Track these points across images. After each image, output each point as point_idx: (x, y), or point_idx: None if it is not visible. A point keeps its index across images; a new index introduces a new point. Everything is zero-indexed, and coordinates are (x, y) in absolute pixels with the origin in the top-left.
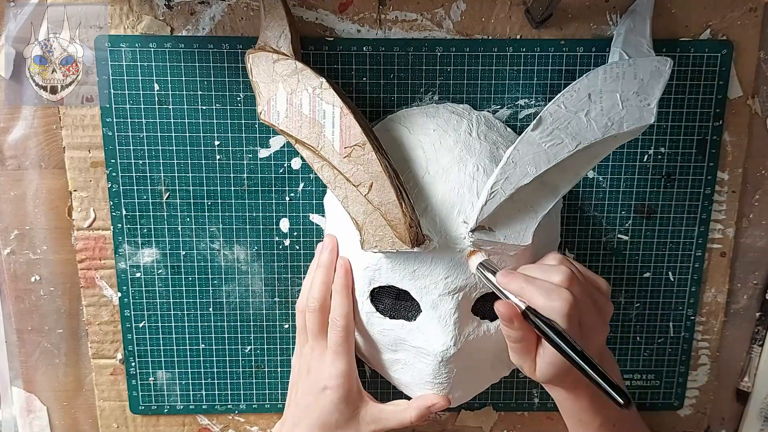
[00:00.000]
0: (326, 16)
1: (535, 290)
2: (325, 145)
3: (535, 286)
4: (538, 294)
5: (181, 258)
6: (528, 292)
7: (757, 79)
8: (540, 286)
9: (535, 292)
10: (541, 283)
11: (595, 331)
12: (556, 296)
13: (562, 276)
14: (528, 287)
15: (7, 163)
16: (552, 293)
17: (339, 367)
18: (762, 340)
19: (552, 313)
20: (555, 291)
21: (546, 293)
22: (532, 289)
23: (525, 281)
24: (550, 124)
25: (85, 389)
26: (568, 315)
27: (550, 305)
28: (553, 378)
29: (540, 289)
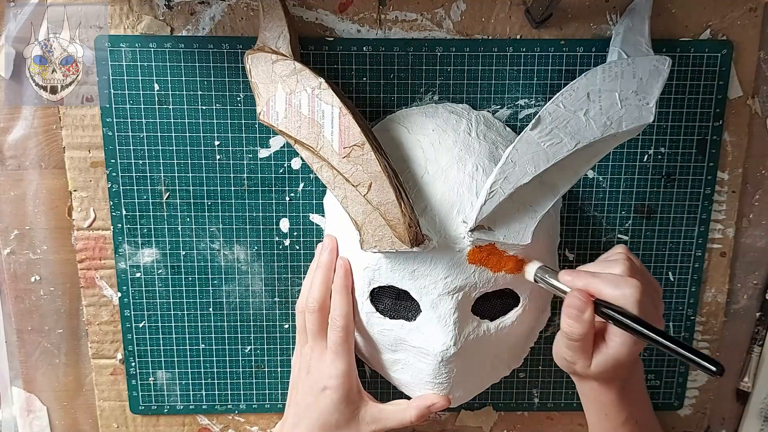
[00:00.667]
0: (326, 16)
1: (601, 282)
2: (324, 146)
3: (602, 279)
4: (606, 285)
5: (181, 258)
6: (595, 285)
7: (757, 79)
8: (606, 278)
9: (602, 285)
10: (606, 276)
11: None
12: (624, 285)
13: (624, 267)
14: (595, 281)
15: (7, 163)
16: (620, 282)
17: (339, 367)
18: (762, 340)
19: (623, 300)
20: (623, 280)
21: (614, 283)
22: (599, 282)
23: (591, 276)
24: (549, 124)
25: (85, 389)
26: (640, 301)
27: (620, 293)
28: (606, 371)
29: (607, 281)
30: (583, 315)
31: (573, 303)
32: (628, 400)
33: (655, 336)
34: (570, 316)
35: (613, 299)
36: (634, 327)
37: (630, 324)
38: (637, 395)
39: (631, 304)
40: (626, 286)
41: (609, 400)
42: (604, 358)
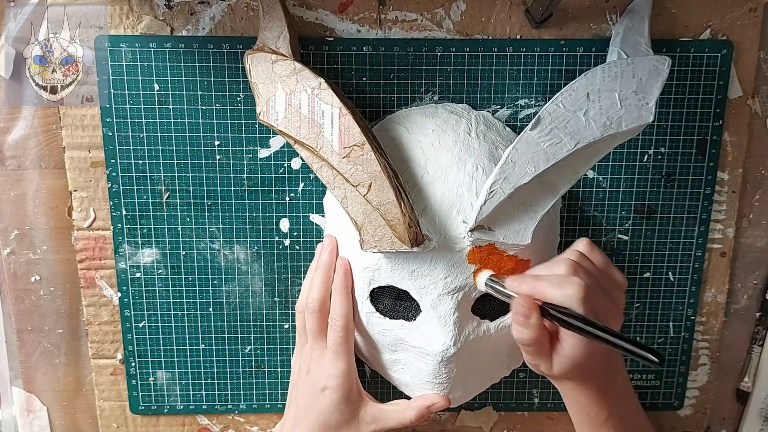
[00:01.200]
0: (326, 16)
1: (546, 285)
2: (324, 146)
3: (545, 281)
4: (550, 287)
5: (181, 258)
6: (540, 288)
7: (757, 79)
8: (549, 280)
9: (546, 287)
10: (549, 278)
11: (609, 318)
12: (567, 284)
13: (567, 266)
14: (538, 284)
15: (7, 163)
16: (563, 282)
17: (339, 367)
18: (762, 340)
19: (567, 301)
20: (565, 280)
21: (557, 284)
22: (542, 285)
23: (534, 279)
24: (548, 124)
25: (85, 389)
26: (583, 299)
27: (563, 293)
28: (569, 371)
29: (550, 283)
30: (530, 320)
31: (518, 309)
32: (608, 398)
33: (597, 332)
34: (517, 322)
35: (557, 300)
36: (578, 326)
37: (575, 324)
38: (620, 393)
39: (575, 303)
40: (568, 285)
41: (588, 400)
42: (562, 360)
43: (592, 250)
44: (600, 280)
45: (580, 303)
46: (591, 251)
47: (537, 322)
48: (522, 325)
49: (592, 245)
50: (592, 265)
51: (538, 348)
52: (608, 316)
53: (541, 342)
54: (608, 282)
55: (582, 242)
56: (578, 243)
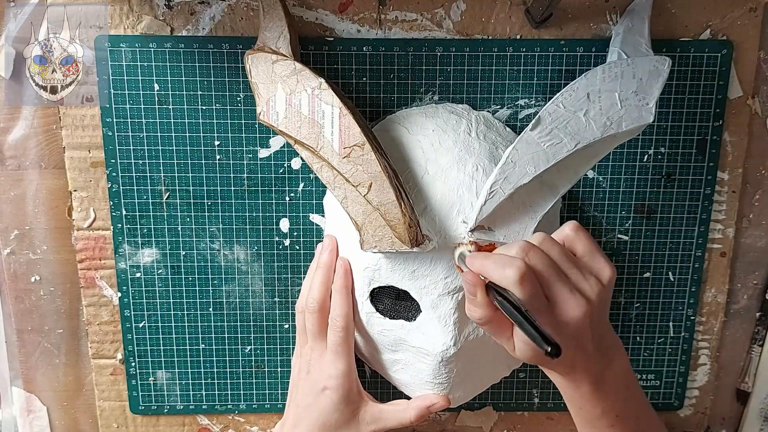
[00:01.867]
0: (326, 16)
1: (491, 264)
2: (324, 146)
3: (492, 260)
4: (494, 266)
5: (181, 258)
6: (486, 267)
7: (757, 79)
8: (496, 259)
9: (491, 266)
10: (497, 257)
11: (566, 306)
12: (508, 265)
13: (518, 248)
14: (486, 262)
15: (7, 163)
16: (506, 264)
17: (339, 367)
18: (762, 340)
19: (505, 281)
20: (508, 260)
21: (500, 264)
22: (488, 263)
23: (484, 257)
24: (549, 124)
25: (85, 389)
26: (520, 283)
27: (503, 274)
28: (532, 357)
29: (496, 263)
30: (476, 298)
31: (465, 285)
32: (603, 395)
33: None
34: (468, 300)
35: (497, 281)
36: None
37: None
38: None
39: (511, 284)
40: (509, 266)
41: (580, 394)
42: (519, 344)
43: (576, 235)
44: (563, 266)
45: (516, 285)
46: (575, 236)
47: (482, 300)
48: (471, 302)
49: (578, 230)
50: (557, 250)
51: (493, 328)
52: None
53: (495, 321)
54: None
55: (567, 226)
56: (564, 227)
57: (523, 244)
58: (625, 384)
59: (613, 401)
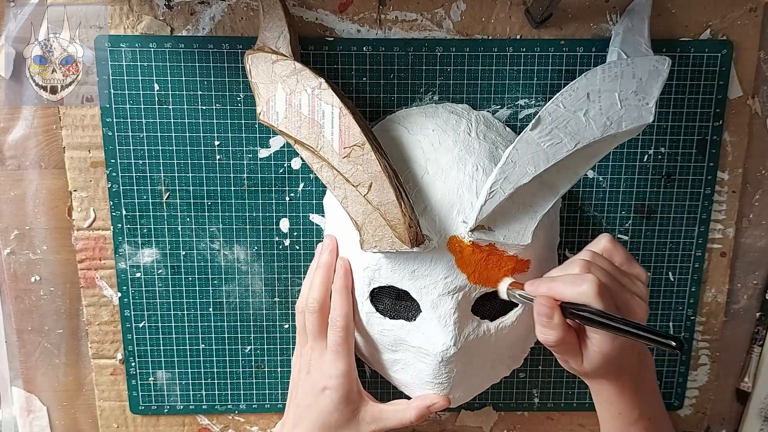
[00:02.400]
0: (326, 16)
1: (561, 284)
2: (324, 146)
3: (561, 281)
4: (565, 286)
5: (181, 258)
6: (556, 288)
7: (757, 79)
8: (564, 279)
9: (562, 286)
10: (564, 277)
11: (633, 310)
12: (580, 281)
13: (580, 265)
14: (555, 284)
15: (7, 163)
16: (576, 280)
17: (339, 367)
18: (762, 340)
19: (582, 297)
20: (579, 278)
21: (572, 282)
22: (558, 284)
23: (550, 281)
24: (549, 124)
25: (85, 389)
26: (599, 295)
27: (579, 291)
28: (600, 367)
29: (565, 282)
30: (552, 320)
31: (540, 310)
32: (640, 397)
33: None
34: (541, 323)
35: (573, 298)
36: (596, 320)
37: (593, 318)
38: (650, 392)
39: (591, 298)
40: (582, 282)
41: (621, 398)
42: (592, 355)
43: (613, 246)
44: (617, 275)
45: (596, 298)
46: (612, 248)
47: (559, 320)
48: (546, 326)
49: (613, 241)
50: (607, 262)
51: (565, 347)
52: (630, 309)
53: (567, 341)
54: (628, 276)
55: (603, 238)
56: (600, 239)
57: (582, 261)
58: (654, 386)
59: (648, 403)
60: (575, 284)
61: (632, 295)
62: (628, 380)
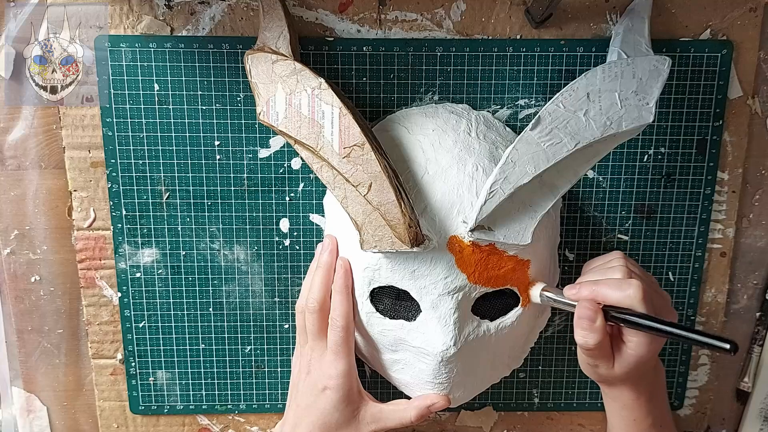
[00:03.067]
0: (326, 16)
1: (605, 288)
2: (324, 146)
3: (605, 284)
4: (611, 290)
5: (181, 258)
6: (600, 291)
7: (757, 79)
8: (608, 283)
9: (607, 290)
10: (607, 281)
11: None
12: (627, 286)
13: (623, 270)
14: (598, 288)
15: (7, 163)
16: (622, 285)
17: (339, 367)
18: (762, 340)
19: (629, 301)
20: (624, 282)
21: (617, 287)
22: (603, 288)
23: (593, 284)
24: (548, 124)
25: (85, 389)
26: (645, 299)
27: (625, 295)
28: (631, 370)
29: (610, 286)
30: (595, 323)
31: (584, 314)
32: (654, 404)
33: (668, 328)
34: (582, 327)
35: (618, 302)
36: (645, 324)
37: (641, 322)
38: (662, 401)
39: (637, 302)
40: (629, 287)
41: (637, 404)
42: (626, 359)
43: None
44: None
45: (641, 302)
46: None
47: (602, 324)
48: (587, 329)
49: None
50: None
51: (601, 351)
52: (665, 309)
53: (604, 345)
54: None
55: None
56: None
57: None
58: (665, 395)
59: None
60: (621, 288)
61: (665, 300)
62: (645, 388)
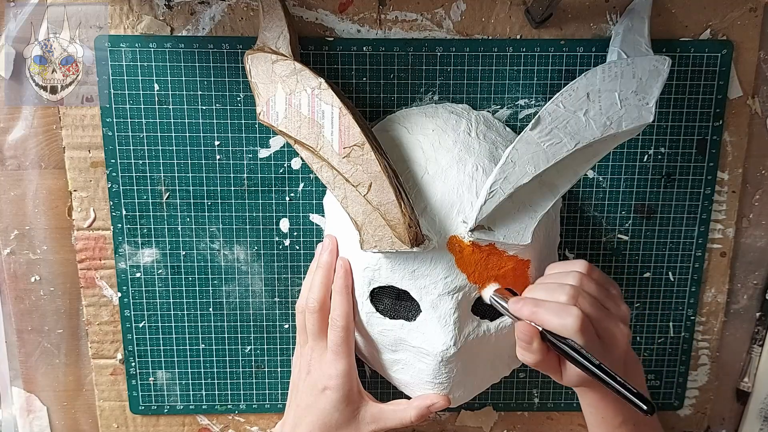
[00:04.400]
0: (326, 16)
1: (545, 312)
2: (324, 146)
3: (545, 308)
4: (549, 315)
5: (181, 258)
6: (539, 315)
7: (757, 79)
8: (549, 307)
9: (546, 315)
10: (549, 305)
11: (615, 338)
12: (566, 314)
13: (568, 294)
14: (539, 311)
15: (7, 163)
16: (562, 312)
17: (339, 367)
18: (762, 340)
19: (565, 331)
20: (564, 310)
21: (556, 313)
22: (542, 312)
23: (535, 305)
24: (548, 124)
25: (85, 389)
26: (581, 330)
27: (562, 324)
28: (580, 384)
29: (550, 311)
30: (532, 346)
31: (520, 336)
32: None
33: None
34: (521, 346)
35: (555, 330)
36: (574, 357)
37: (571, 354)
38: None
39: (573, 333)
40: (567, 315)
41: (603, 404)
42: (570, 375)
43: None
44: (603, 300)
45: (577, 334)
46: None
47: (538, 347)
48: (525, 349)
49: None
50: (594, 286)
51: (544, 366)
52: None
53: (546, 360)
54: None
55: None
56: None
57: (571, 289)
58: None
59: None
60: (559, 315)
61: (616, 323)
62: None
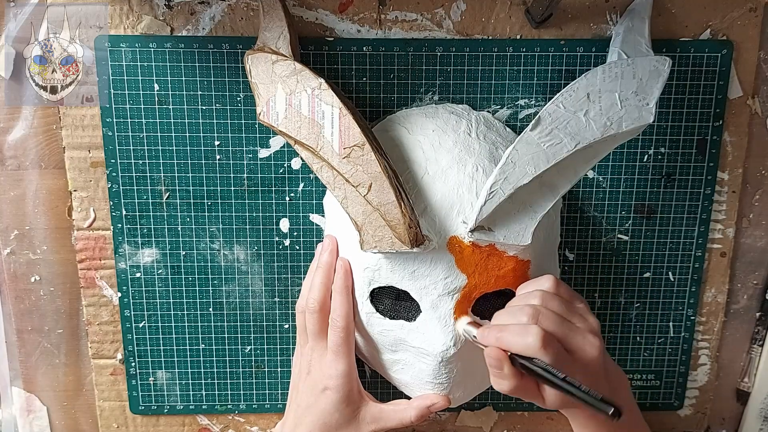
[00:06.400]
0: (326, 16)
1: (509, 335)
2: (324, 146)
3: (508, 332)
4: (512, 337)
5: (181, 258)
6: (504, 339)
7: (757, 79)
8: (511, 330)
9: (509, 337)
10: (512, 328)
11: (584, 350)
12: (526, 334)
13: (527, 314)
14: (502, 335)
15: (7, 163)
16: (523, 333)
17: (339, 367)
18: (762, 340)
19: (529, 350)
20: (525, 330)
21: (519, 334)
22: (506, 336)
23: (499, 330)
24: (549, 124)
25: (85, 389)
26: (543, 347)
27: (525, 344)
28: (563, 405)
29: (512, 333)
30: (503, 371)
31: (490, 362)
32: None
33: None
34: (493, 374)
35: (520, 351)
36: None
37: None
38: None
39: (536, 351)
40: (527, 334)
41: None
42: (551, 397)
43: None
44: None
45: (540, 351)
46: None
47: (509, 371)
48: (498, 376)
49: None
50: (557, 302)
51: (522, 393)
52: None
53: (523, 386)
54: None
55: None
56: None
57: (530, 309)
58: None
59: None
60: (521, 336)
61: (584, 335)
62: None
